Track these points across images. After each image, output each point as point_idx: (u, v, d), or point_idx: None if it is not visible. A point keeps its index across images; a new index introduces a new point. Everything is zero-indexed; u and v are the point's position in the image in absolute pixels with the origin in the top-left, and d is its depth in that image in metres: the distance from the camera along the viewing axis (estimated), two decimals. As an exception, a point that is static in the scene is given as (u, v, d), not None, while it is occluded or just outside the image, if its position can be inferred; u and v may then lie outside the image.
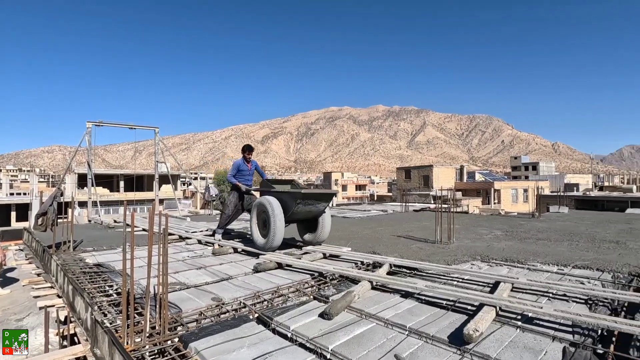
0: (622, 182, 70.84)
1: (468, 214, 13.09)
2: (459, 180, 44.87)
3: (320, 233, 5.44)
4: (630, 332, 2.34)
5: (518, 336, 2.49)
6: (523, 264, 4.47)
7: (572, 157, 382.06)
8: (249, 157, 6.24)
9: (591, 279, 3.80)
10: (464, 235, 6.99)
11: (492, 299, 2.90)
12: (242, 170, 6.22)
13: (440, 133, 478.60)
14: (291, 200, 4.94)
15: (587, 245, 5.75)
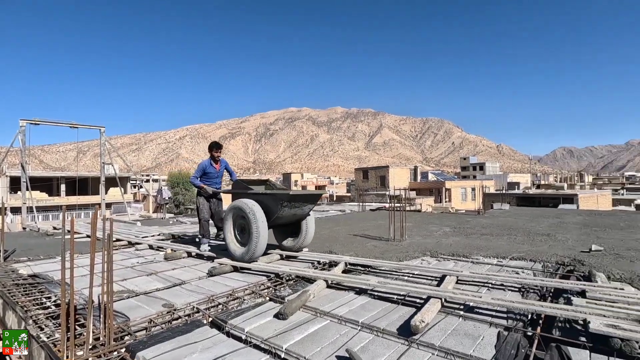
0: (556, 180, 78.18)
1: (421, 212, 13.73)
2: (413, 180, 46.84)
3: (305, 238, 4.99)
4: (554, 314, 2.62)
5: (460, 324, 2.68)
6: (468, 258, 4.79)
7: (514, 158, 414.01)
8: (218, 156, 5.53)
9: (525, 269, 4.18)
10: (416, 232, 7.34)
11: (438, 292, 3.10)
12: (209, 173, 5.51)
13: (396, 135, 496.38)
14: (275, 203, 4.38)
15: (523, 238, 6.30)
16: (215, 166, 5.57)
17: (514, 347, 2.28)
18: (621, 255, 4.71)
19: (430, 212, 14.98)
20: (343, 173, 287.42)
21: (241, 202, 4.44)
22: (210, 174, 5.54)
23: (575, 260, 4.42)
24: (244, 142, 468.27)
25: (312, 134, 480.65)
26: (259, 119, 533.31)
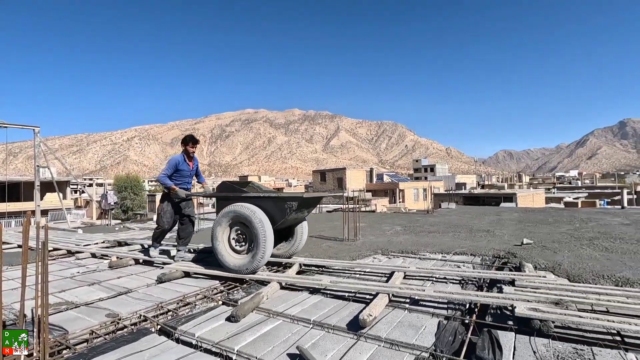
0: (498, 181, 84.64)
1: (375, 212, 14.19)
2: (369, 181, 48.18)
3: (299, 243, 4.64)
4: (487, 302, 2.88)
5: (405, 317, 2.85)
6: (415, 254, 5.07)
7: (462, 160, 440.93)
8: (193, 152, 4.82)
9: (466, 263, 4.52)
10: (369, 232, 7.60)
11: (386, 287, 3.26)
12: (181, 170, 4.73)
13: (353, 137, 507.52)
14: (281, 208, 3.89)
15: (466, 235, 6.78)
16: (189, 163, 4.84)
17: (452, 334, 2.48)
18: (547, 247, 5.25)
19: (384, 212, 15.54)
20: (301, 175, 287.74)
21: (242, 207, 3.87)
22: (182, 172, 4.76)
23: (509, 253, 4.86)
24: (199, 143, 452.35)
25: (269, 136, 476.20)
26: (215, 120, 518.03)
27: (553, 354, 2.15)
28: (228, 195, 4.30)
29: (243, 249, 4.02)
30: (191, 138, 4.83)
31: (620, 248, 5.04)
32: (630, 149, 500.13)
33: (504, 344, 2.28)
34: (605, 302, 2.73)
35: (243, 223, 3.94)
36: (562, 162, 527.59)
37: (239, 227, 4.04)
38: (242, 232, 4.04)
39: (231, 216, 3.99)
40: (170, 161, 4.74)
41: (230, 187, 4.48)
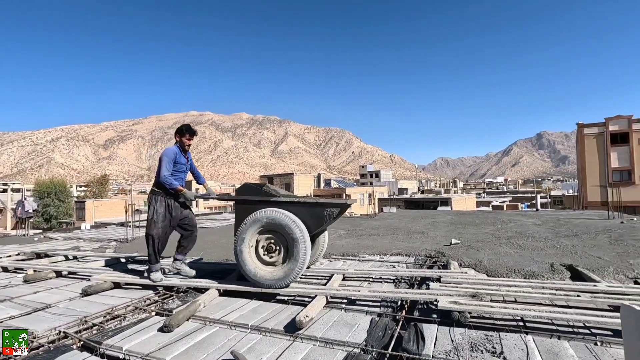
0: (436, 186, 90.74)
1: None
2: (317, 187, 48.81)
3: (323, 250, 4.41)
4: (415, 299, 3.11)
5: (341, 316, 2.97)
6: (355, 257, 5.28)
7: (404, 167, 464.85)
8: (189, 146, 4.12)
9: (400, 263, 4.81)
10: (313, 236, 7.72)
11: (325, 289, 3.37)
12: (178, 164, 4.00)
13: (301, 143, 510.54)
14: (319, 215, 3.49)
15: (403, 237, 7.20)
16: (185, 156, 4.13)
17: (382, 330, 2.64)
18: (472, 246, 5.78)
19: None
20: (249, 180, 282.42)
21: (277, 213, 3.44)
22: (179, 166, 4.03)
23: (439, 253, 5.27)
24: (137, 146, 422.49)
25: (215, 140, 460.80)
26: (155, 122, 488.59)
27: (467, 341, 2.39)
28: (256, 199, 3.68)
29: (274, 260, 3.53)
30: (187, 128, 4.08)
31: (531, 245, 5.72)
32: (546, 158, 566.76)
33: (427, 336, 2.49)
34: (513, 293, 3.09)
35: (276, 231, 3.49)
36: (490, 169, 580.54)
37: (271, 236, 3.55)
38: (274, 242, 3.55)
39: (263, 223, 3.48)
40: (167, 154, 3.91)
41: (255, 189, 3.86)
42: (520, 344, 2.33)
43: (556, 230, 7.48)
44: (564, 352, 2.19)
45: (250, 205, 3.68)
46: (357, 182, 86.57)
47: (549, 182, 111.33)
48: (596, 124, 33.31)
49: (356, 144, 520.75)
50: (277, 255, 3.53)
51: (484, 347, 2.30)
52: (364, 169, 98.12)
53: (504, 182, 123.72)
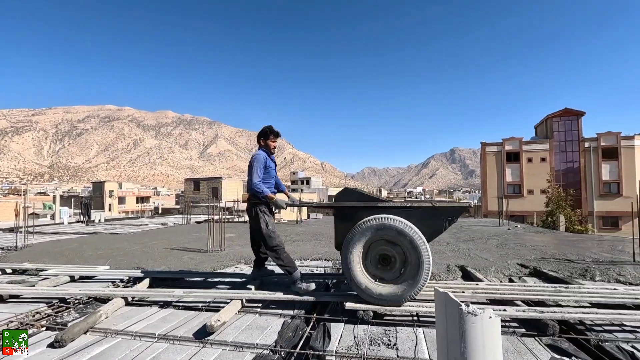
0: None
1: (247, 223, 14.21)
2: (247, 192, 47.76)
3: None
4: (328, 300, 3.30)
5: (256, 320, 3.02)
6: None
7: (334, 174, 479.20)
8: (274, 147, 3.83)
9: (319, 267, 5.02)
10: (237, 242, 7.60)
11: (241, 294, 3.39)
12: (268, 168, 3.68)
13: (232, 146, 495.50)
14: (435, 222, 3.17)
15: (326, 242, 7.48)
16: (272, 160, 3.81)
17: (293, 331, 2.75)
18: (385, 250, 6.27)
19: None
20: (173, 183, 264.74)
21: (395, 221, 3.05)
22: (269, 171, 3.70)
23: (355, 257, 5.61)
24: (37, 140, 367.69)
25: (135, 138, 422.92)
26: (62, 114, 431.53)
27: (368, 336, 2.63)
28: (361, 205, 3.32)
29: (389, 274, 3.16)
30: (272, 130, 3.77)
31: (434, 249, 6.40)
32: (457, 171, 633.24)
33: (334, 334, 2.67)
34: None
35: (391, 242, 3.11)
36: (411, 180, 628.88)
37: (386, 247, 3.16)
38: (388, 253, 3.16)
39: (374, 233, 3.11)
40: (258, 159, 3.57)
41: (360, 195, 3.49)
42: (412, 336, 2.63)
43: (457, 236, 8.46)
44: (445, 340, 2.54)
45: (353, 212, 3.31)
46: (289, 188, 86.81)
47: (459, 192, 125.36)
48: (495, 144, 38.44)
49: (289, 150, 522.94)
50: (393, 268, 3.14)
51: (381, 341, 2.55)
52: (295, 175, 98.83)
53: (422, 192, 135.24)
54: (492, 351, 0.84)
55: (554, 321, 2.66)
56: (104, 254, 6.11)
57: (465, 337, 0.84)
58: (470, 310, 0.87)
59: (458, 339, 0.84)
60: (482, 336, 0.84)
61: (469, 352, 0.84)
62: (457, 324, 0.85)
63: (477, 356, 0.83)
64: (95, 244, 5.83)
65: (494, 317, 0.88)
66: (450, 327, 0.89)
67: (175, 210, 46.90)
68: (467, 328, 0.85)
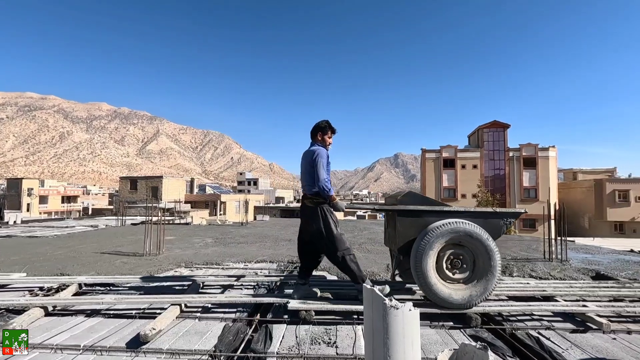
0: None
1: (189, 225, 13.58)
2: (190, 192, 45.62)
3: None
4: (271, 301, 3.30)
5: (195, 325, 2.91)
6: (219, 265, 5.21)
7: (282, 176, 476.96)
8: (330, 144, 3.49)
9: (264, 269, 4.98)
10: (177, 245, 7.25)
11: (179, 298, 3.24)
12: (328, 165, 3.35)
13: (175, 144, 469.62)
14: (497, 226, 3.25)
15: (271, 244, 7.44)
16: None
17: (234, 334, 2.71)
18: (330, 251, 6.40)
19: (199, 224, 15.06)
20: (106, 182, 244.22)
21: (470, 227, 3.06)
22: (328, 168, 3.34)
23: (300, 258, 5.66)
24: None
25: (62, 131, 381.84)
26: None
27: (309, 336, 2.68)
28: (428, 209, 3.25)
29: (460, 277, 3.15)
30: (330, 125, 3.44)
31: (377, 250, 6.69)
32: (400, 175, 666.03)
33: (275, 335, 2.68)
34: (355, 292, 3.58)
35: (462, 245, 3.14)
36: (358, 183, 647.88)
37: (457, 251, 3.17)
38: (458, 257, 3.17)
39: (446, 237, 3.07)
40: (321, 155, 3.23)
41: (422, 198, 3.42)
42: (352, 333, 2.74)
43: (398, 237, 8.94)
44: (382, 336, 2.68)
45: (418, 217, 3.24)
46: (235, 189, 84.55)
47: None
48: (434, 150, 41.16)
49: (236, 149, 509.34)
50: (463, 271, 3.16)
51: (321, 339, 2.61)
52: (242, 175, 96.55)
53: (368, 195, 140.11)
54: (411, 339, 0.94)
55: (477, 314, 2.94)
56: (21, 260, 5.46)
57: (387, 328, 0.92)
58: (393, 304, 0.96)
59: (382, 330, 0.92)
60: (403, 327, 0.93)
61: (391, 341, 0.92)
62: (381, 317, 0.93)
63: (398, 345, 0.91)
64: (9, 249, 5.16)
65: (413, 310, 0.97)
66: (375, 320, 0.97)
67: (108, 211, 43.16)
68: (390, 320, 0.93)
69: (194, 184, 47.20)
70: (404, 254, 3.30)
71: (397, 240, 3.24)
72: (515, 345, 2.54)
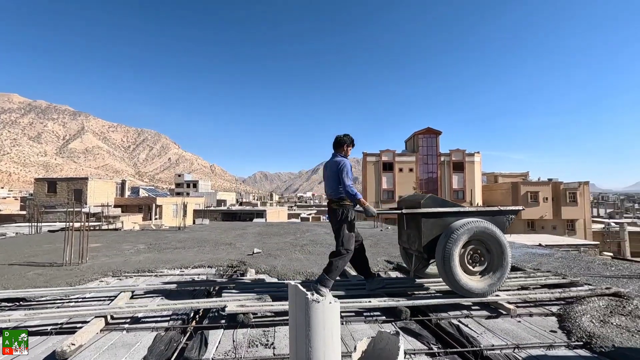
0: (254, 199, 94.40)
1: (119, 230, 12.55)
2: (121, 195, 42.11)
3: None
4: (208, 307, 3.20)
5: (122, 337, 2.72)
6: (152, 272, 4.91)
7: (224, 178, 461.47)
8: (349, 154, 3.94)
9: (202, 275, 4.80)
10: (103, 253, 6.67)
11: (104, 310, 3.01)
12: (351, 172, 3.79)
13: (103, 142, 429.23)
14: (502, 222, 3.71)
15: (210, 248, 7.18)
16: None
17: (166, 344, 2.59)
18: (271, 254, 6.37)
19: (130, 229, 13.98)
20: (18, 184, 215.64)
21: (486, 224, 3.49)
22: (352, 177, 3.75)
23: (241, 262, 5.55)
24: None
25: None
26: None
27: (247, 339, 2.66)
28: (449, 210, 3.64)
29: (478, 269, 3.56)
30: (352, 140, 3.89)
31: (318, 251, 6.81)
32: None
33: (211, 341, 2.62)
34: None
35: (482, 241, 3.54)
36: (302, 185, 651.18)
37: (476, 247, 3.57)
38: (477, 252, 3.57)
39: (468, 234, 3.44)
40: (346, 165, 3.68)
41: (442, 201, 3.80)
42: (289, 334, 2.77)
43: (339, 238, 9.18)
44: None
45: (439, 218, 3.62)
46: (173, 192, 79.76)
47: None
48: (374, 154, 42.99)
49: (174, 150, 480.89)
50: (481, 265, 3.56)
51: (259, 342, 2.61)
52: (180, 177, 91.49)
53: (312, 197, 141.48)
54: (331, 331, 1.01)
55: (407, 307, 3.16)
56: None
57: (309, 322, 0.98)
58: (314, 298, 1.02)
59: (304, 323, 0.97)
60: (323, 319, 0.99)
61: (312, 332, 0.98)
62: (304, 311, 0.98)
63: (319, 336, 0.97)
64: None
65: (333, 303, 1.04)
66: (299, 313, 1.02)
67: (19, 217, 37.98)
68: (312, 313, 0.99)
69: (126, 187, 43.63)
70: (428, 252, 3.63)
71: (422, 237, 3.60)
72: (439, 334, 2.77)
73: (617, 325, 2.82)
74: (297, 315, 1.03)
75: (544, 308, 3.32)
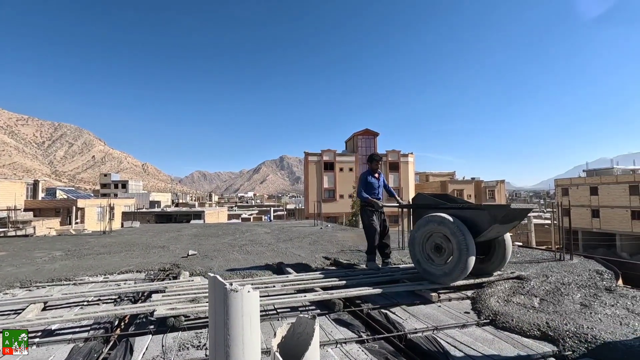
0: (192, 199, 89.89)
1: (30, 237, 11.12)
2: (33, 197, 37.26)
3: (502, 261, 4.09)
4: (134, 312, 3.02)
5: (31, 352, 2.45)
6: (70, 280, 4.46)
7: (159, 178, 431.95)
8: (377, 168, 5.22)
9: (128, 280, 4.48)
10: (9, 262, 5.89)
11: (9, 323, 2.68)
12: (370, 183, 5.11)
13: (11, 138, 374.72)
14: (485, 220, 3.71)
15: (140, 252, 6.72)
16: (376, 176, 5.23)
17: (85, 355, 2.39)
18: (208, 255, 6.17)
19: (45, 235, 12.47)
20: None
21: (439, 217, 3.82)
22: (372, 184, 5.14)
23: (174, 265, 5.29)
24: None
25: None
26: None
27: (177, 342, 2.57)
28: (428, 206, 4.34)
29: (440, 260, 3.84)
30: (374, 156, 5.22)
31: (256, 250, 6.74)
32: (286, 177, 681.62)
33: (137, 348, 2.48)
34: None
35: (439, 232, 3.84)
36: (243, 185, 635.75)
37: (437, 238, 3.88)
38: (438, 243, 3.86)
39: (426, 225, 3.94)
40: (360, 178, 5.21)
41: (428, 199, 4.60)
42: (223, 333, 2.73)
43: (278, 237, 9.17)
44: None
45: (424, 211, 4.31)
46: (97, 193, 72.49)
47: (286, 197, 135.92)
48: (316, 154, 43.60)
49: (99, 147, 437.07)
50: (442, 256, 3.80)
51: (190, 344, 2.54)
52: (107, 177, 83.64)
53: (253, 197, 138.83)
54: (249, 317, 1.04)
55: (340, 300, 3.29)
56: None
57: (228, 310, 1.01)
58: (233, 288, 1.05)
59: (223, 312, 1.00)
60: (242, 307, 1.02)
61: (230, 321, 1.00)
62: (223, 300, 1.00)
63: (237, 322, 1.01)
64: None
65: (252, 292, 1.08)
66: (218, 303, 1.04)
67: None
68: (230, 302, 1.01)
69: (39, 188, 38.70)
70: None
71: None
72: (369, 322, 2.95)
73: (517, 303, 3.25)
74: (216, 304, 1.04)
75: (461, 293, 3.69)
